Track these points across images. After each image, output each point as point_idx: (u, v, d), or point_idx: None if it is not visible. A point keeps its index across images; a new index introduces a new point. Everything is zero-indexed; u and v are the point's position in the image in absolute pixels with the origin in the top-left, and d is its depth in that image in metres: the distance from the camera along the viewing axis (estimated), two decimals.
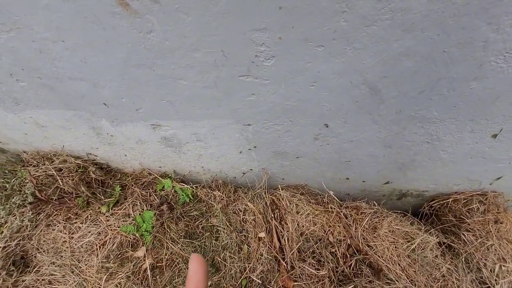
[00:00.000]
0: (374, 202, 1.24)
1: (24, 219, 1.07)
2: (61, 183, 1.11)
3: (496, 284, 1.02)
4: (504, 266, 1.03)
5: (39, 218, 1.10)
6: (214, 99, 0.85)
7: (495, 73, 0.69)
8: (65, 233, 1.07)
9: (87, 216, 1.12)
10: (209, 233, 0.99)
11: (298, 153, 1.08)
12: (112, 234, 1.07)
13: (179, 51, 0.69)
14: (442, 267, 1.05)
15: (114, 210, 1.15)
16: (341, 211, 1.15)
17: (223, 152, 1.12)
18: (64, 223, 1.10)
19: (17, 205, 1.08)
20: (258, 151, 1.09)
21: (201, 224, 1.02)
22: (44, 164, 1.15)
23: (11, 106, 0.96)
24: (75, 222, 1.10)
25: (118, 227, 1.09)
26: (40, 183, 1.13)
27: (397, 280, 0.95)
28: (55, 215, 1.11)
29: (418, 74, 0.71)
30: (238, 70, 0.74)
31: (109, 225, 1.09)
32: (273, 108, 0.86)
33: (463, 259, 1.09)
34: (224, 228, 0.99)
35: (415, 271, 1.00)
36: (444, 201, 1.24)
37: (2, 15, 0.65)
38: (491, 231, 1.08)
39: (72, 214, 1.13)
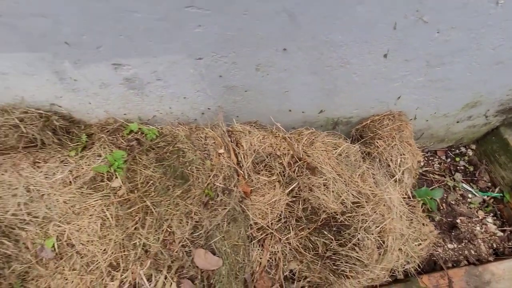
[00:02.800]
0: (313, 128, 1.53)
1: None
2: (24, 131, 1.17)
3: (399, 172, 1.38)
4: (403, 158, 1.40)
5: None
6: (166, 32, 1.01)
7: None
8: (34, 174, 1.14)
9: (55, 160, 1.20)
10: (176, 155, 1.16)
11: (245, 87, 1.30)
12: (85, 170, 1.17)
13: None
14: (362, 166, 1.37)
15: (83, 153, 1.24)
16: (286, 136, 1.42)
17: (182, 91, 1.28)
18: (32, 168, 1.17)
19: None
20: (212, 87, 1.28)
21: (168, 150, 1.18)
22: (3, 116, 1.19)
23: None
24: (43, 166, 1.18)
25: (89, 165, 1.19)
26: (3, 133, 1.17)
27: (328, 174, 1.24)
28: (21, 162, 1.17)
29: None
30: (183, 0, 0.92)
31: (79, 164, 1.19)
32: (218, 39, 1.06)
33: (377, 160, 1.43)
34: (189, 149, 1.17)
35: (341, 169, 1.30)
36: (365, 123, 1.58)
37: None
38: (395, 137, 1.44)
39: (39, 160, 1.19)
